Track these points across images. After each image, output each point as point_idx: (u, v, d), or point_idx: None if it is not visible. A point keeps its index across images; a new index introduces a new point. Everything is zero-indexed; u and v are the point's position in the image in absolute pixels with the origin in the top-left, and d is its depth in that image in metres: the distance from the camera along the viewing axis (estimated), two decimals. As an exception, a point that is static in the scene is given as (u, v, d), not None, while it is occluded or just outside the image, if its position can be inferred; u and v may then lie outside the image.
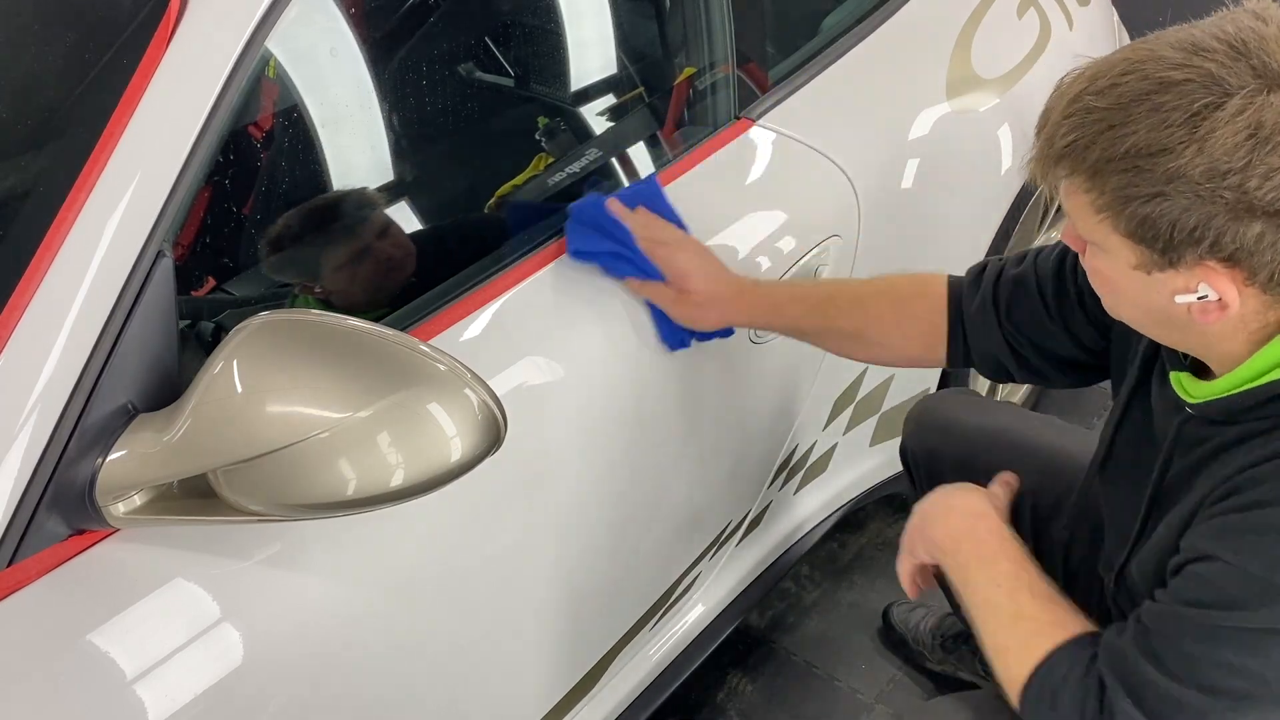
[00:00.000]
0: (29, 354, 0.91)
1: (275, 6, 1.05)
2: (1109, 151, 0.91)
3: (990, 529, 1.22)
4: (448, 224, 1.47)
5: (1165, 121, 0.88)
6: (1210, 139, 0.87)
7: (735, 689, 2.01)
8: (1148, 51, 0.91)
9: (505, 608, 1.32)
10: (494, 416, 0.92)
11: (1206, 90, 0.87)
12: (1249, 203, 0.87)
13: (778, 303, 1.40)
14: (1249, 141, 0.86)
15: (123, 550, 0.98)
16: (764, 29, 1.65)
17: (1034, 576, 1.17)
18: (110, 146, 0.95)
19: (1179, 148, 0.88)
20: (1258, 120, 0.86)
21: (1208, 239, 0.90)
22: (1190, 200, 0.88)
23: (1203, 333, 0.99)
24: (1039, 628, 1.13)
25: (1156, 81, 0.89)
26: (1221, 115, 0.86)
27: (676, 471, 1.51)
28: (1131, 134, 0.89)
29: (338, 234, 1.31)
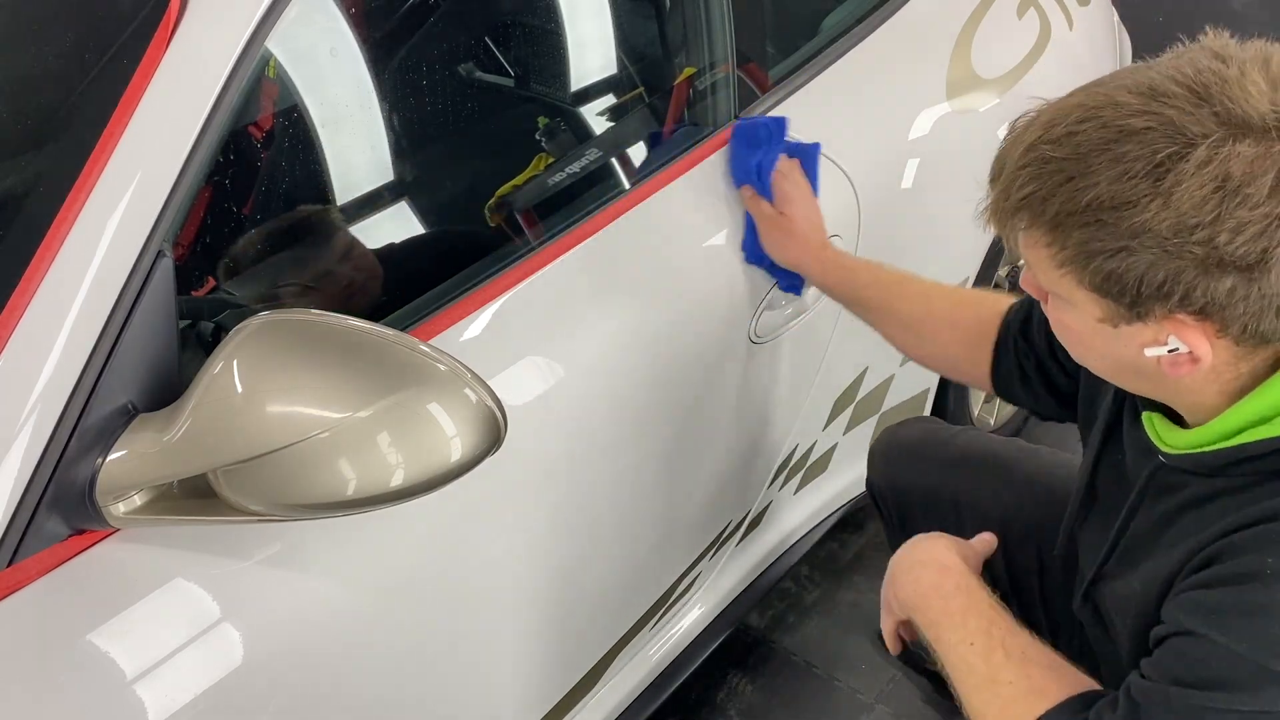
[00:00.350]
0: (29, 354, 0.91)
1: (275, 6, 1.05)
2: (1069, 205, 0.87)
3: (958, 584, 1.18)
4: (420, 238, 1.45)
5: (1128, 173, 0.84)
6: (1176, 192, 0.83)
7: (735, 689, 2.01)
8: (1104, 97, 0.88)
9: (505, 608, 1.32)
10: (494, 416, 0.92)
11: (1169, 140, 0.84)
12: (1219, 257, 0.83)
13: (853, 268, 1.46)
14: (1217, 194, 0.82)
15: (123, 550, 0.98)
16: (764, 29, 1.65)
17: (1006, 632, 1.12)
18: (110, 146, 0.95)
19: (1143, 201, 0.84)
20: (1225, 172, 0.82)
21: (1177, 293, 0.86)
22: (1157, 255, 0.85)
23: (1174, 384, 0.96)
24: (1015, 694, 1.08)
25: (1116, 130, 0.86)
26: (1186, 167, 0.83)
27: (676, 471, 1.51)
28: (1092, 186, 0.86)
29: (298, 256, 1.29)
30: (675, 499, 1.53)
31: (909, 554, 1.27)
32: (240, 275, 1.23)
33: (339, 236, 1.31)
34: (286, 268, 1.28)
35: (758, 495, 1.75)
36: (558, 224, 1.37)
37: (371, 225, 1.35)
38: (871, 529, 2.30)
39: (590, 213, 1.39)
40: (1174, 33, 0.94)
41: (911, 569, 1.24)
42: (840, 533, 2.27)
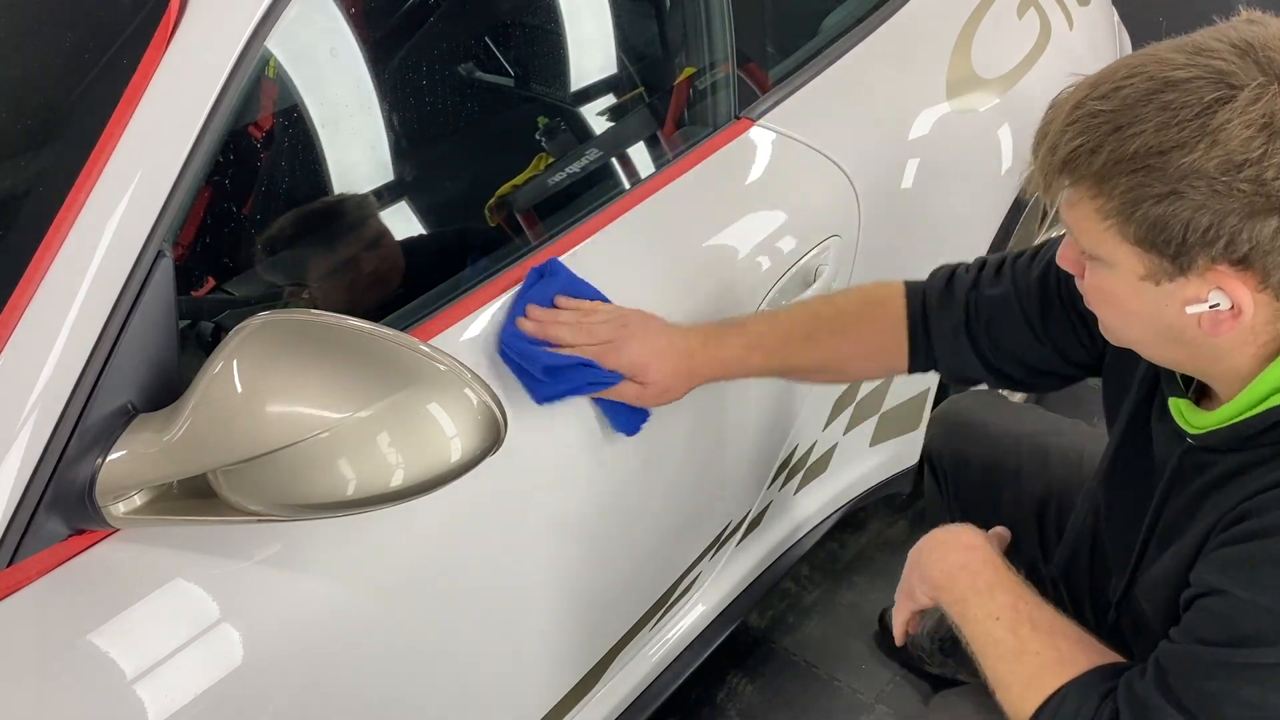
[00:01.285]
0: (29, 354, 0.91)
1: (275, 6, 1.05)
2: (1117, 153, 0.89)
3: (985, 560, 1.21)
4: (437, 234, 1.46)
5: (1175, 118, 0.87)
6: (1223, 132, 0.85)
7: (735, 689, 2.01)
8: (1149, 55, 0.91)
9: (505, 608, 1.32)
10: (494, 417, 0.92)
11: (1215, 85, 0.87)
12: (1266, 194, 0.86)
13: (736, 356, 1.34)
14: (1263, 132, 0.85)
15: (123, 550, 0.98)
16: (764, 29, 1.65)
17: (1033, 606, 1.15)
18: (110, 146, 0.95)
19: (1191, 142, 0.86)
20: (1270, 110, 0.85)
21: (1222, 238, 0.88)
22: (1205, 196, 0.87)
23: (1212, 348, 0.97)
24: (1043, 664, 1.11)
25: (1162, 81, 0.88)
26: (1234, 107, 0.85)
27: (676, 471, 1.50)
28: (1140, 133, 0.88)
29: (328, 240, 1.30)
30: (676, 499, 1.53)
31: (933, 538, 1.29)
32: (272, 258, 1.24)
33: (371, 223, 1.32)
34: (317, 252, 1.29)
35: (758, 495, 1.75)
36: (558, 224, 1.37)
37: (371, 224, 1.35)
38: (872, 529, 2.30)
39: (590, 213, 1.39)
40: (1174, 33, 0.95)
41: (936, 549, 1.26)
42: (840, 533, 2.27)
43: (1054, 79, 2.00)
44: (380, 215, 1.35)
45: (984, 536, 1.26)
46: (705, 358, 1.32)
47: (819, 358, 1.38)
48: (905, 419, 2.04)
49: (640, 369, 1.27)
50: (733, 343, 1.35)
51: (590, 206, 1.41)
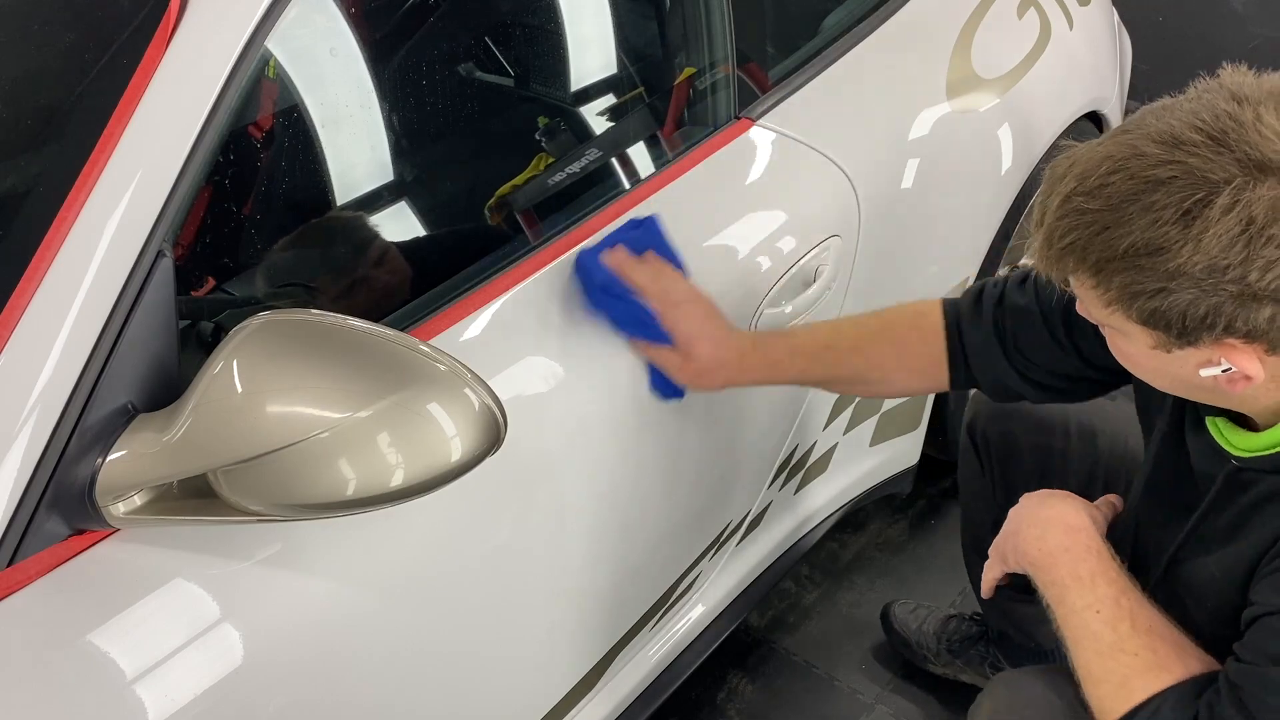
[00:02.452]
0: (29, 354, 0.91)
1: (275, 6, 1.05)
2: (1108, 252, 0.93)
3: (1088, 546, 1.18)
4: (440, 234, 1.46)
5: (1158, 220, 0.89)
6: (1204, 237, 0.88)
7: (735, 689, 2.01)
8: (1130, 148, 0.93)
9: (505, 608, 1.32)
10: (494, 416, 0.92)
11: (1193, 187, 0.89)
12: (1254, 292, 0.89)
13: (778, 360, 1.40)
14: (1243, 237, 0.87)
15: (123, 550, 0.98)
16: (764, 29, 1.65)
17: (1135, 602, 1.14)
18: (110, 146, 0.95)
19: (1175, 246, 0.89)
20: (1248, 216, 0.87)
21: (1220, 324, 0.91)
22: (1195, 293, 0.90)
23: (1237, 397, 1.01)
24: (1140, 666, 1.10)
25: (1143, 180, 0.91)
26: (1212, 213, 0.88)
27: (676, 471, 1.50)
28: (1127, 234, 0.91)
29: (335, 260, 1.30)
30: (675, 499, 1.53)
31: (1035, 510, 1.25)
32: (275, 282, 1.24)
33: (374, 243, 1.32)
34: (320, 273, 1.29)
35: (758, 495, 1.75)
36: (558, 224, 1.37)
37: (372, 224, 1.35)
38: (872, 529, 2.30)
39: (590, 213, 1.39)
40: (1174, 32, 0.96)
41: (1037, 524, 1.23)
42: (840, 533, 2.27)
43: (1054, 79, 2.01)
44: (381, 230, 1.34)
45: (1089, 515, 1.22)
46: (754, 359, 1.37)
47: (860, 368, 1.41)
48: (905, 419, 2.04)
49: (690, 343, 1.32)
50: (778, 348, 1.40)
51: (590, 206, 1.41)
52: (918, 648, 1.97)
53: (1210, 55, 1.07)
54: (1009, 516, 1.30)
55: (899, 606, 2.03)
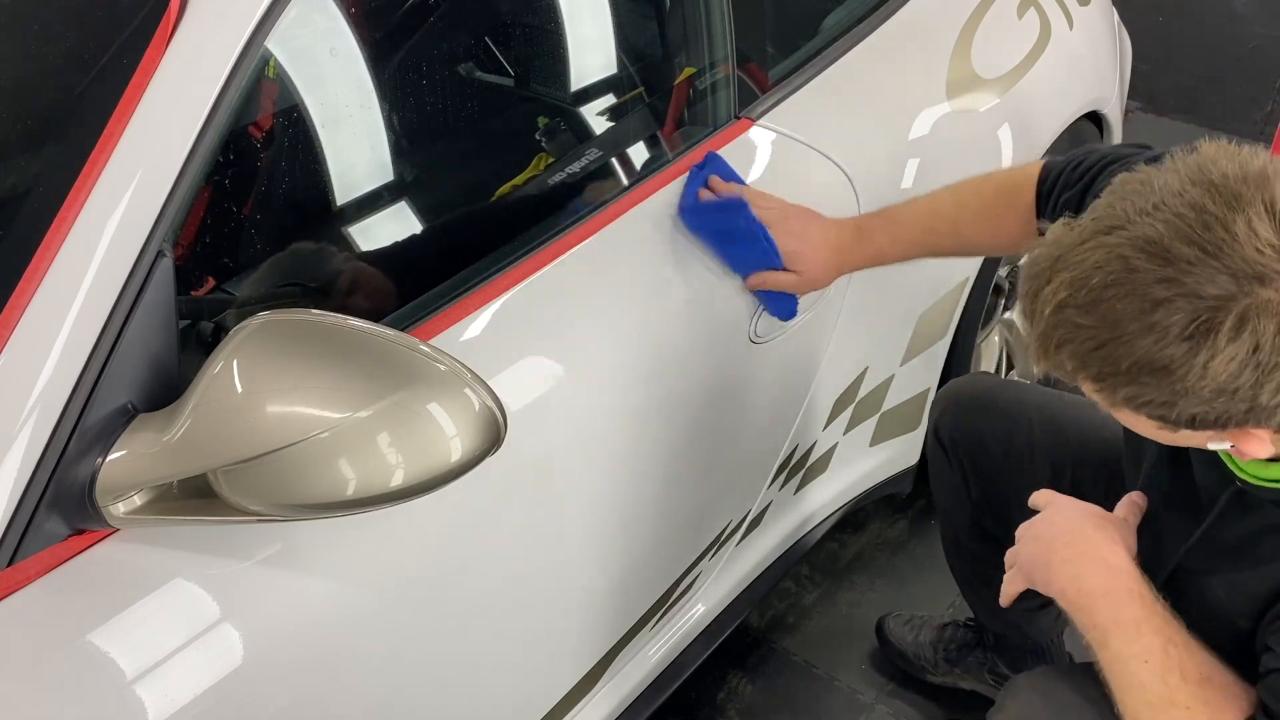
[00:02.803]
0: (29, 354, 0.91)
1: (275, 6, 1.05)
2: (1109, 368, 0.92)
3: (1129, 589, 1.12)
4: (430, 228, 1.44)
5: (1161, 340, 0.88)
6: (1212, 364, 0.87)
7: (735, 689, 2.01)
8: (1122, 262, 0.90)
9: (505, 608, 1.32)
10: (494, 416, 0.92)
11: (1194, 309, 0.87)
12: (1264, 407, 0.89)
13: (880, 249, 1.47)
14: (1251, 361, 0.86)
15: (123, 550, 0.98)
16: (764, 29, 1.65)
17: (1183, 651, 1.09)
18: (110, 146, 0.95)
19: (1180, 369, 0.88)
20: (1255, 343, 0.86)
21: (1231, 425, 0.92)
22: (1204, 408, 0.90)
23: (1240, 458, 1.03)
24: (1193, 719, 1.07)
25: (1141, 299, 0.88)
26: (1219, 342, 0.86)
27: (677, 471, 1.51)
28: (1130, 353, 0.90)
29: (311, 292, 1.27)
30: (676, 499, 1.53)
31: (1070, 543, 1.17)
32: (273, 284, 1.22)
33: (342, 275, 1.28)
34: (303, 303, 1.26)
35: (758, 495, 1.75)
36: (558, 224, 1.37)
37: (371, 226, 1.35)
38: (872, 529, 2.30)
39: (590, 213, 1.39)
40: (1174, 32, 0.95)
41: (1074, 562, 1.15)
42: (840, 533, 2.27)
43: (1054, 79, 2.01)
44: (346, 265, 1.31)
45: (1125, 547, 1.16)
46: (855, 252, 1.46)
47: (959, 245, 1.49)
48: (905, 419, 2.04)
49: (794, 257, 1.42)
50: (879, 238, 1.47)
51: (590, 206, 1.41)
52: (915, 659, 1.97)
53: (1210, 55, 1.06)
54: (1032, 532, 1.22)
55: (893, 620, 2.03)
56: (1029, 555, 1.21)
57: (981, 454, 1.60)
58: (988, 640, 1.89)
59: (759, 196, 1.44)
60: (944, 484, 1.70)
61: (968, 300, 1.99)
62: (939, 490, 1.74)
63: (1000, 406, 1.61)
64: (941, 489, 1.72)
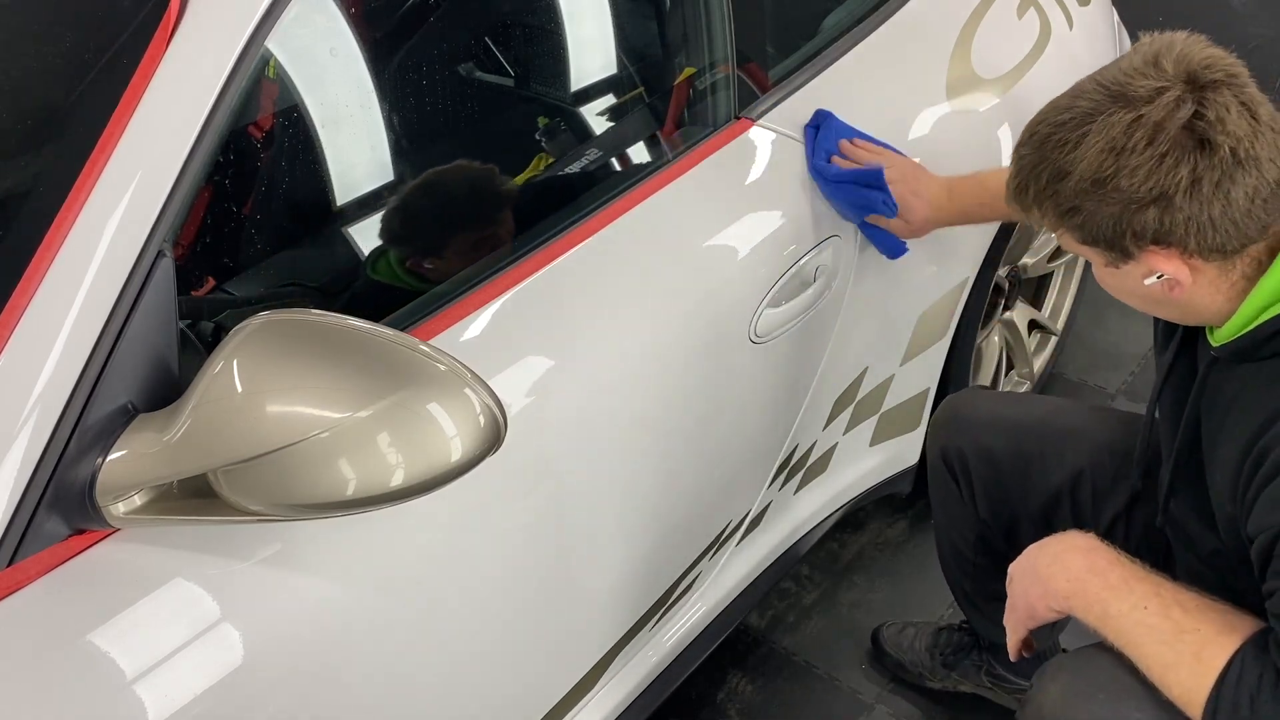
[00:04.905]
0: (29, 354, 0.91)
1: (275, 6, 1.05)
2: (1037, 185, 1.15)
3: (1108, 558, 1.24)
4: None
5: (1061, 150, 1.12)
6: (1086, 157, 1.10)
7: (735, 689, 2.01)
8: (1053, 103, 1.16)
9: (505, 608, 1.32)
10: (494, 417, 0.92)
11: (1082, 122, 1.11)
12: (1131, 197, 1.08)
13: (968, 208, 1.62)
14: (1109, 153, 1.08)
15: (123, 550, 0.98)
16: (764, 29, 1.65)
17: (1174, 589, 1.19)
18: (110, 146, 0.95)
19: (1068, 170, 1.12)
20: (1110, 135, 1.08)
21: (1126, 230, 1.11)
22: (1094, 205, 1.11)
23: (1188, 304, 1.17)
24: (1206, 638, 1.14)
25: (1053, 124, 1.14)
26: (1089, 139, 1.10)
27: (676, 471, 1.51)
28: (1045, 168, 1.14)
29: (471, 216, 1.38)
30: (675, 499, 1.53)
31: (1044, 553, 1.30)
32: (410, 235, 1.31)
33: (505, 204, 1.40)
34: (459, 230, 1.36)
35: (758, 495, 1.75)
36: (558, 224, 1.37)
37: (371, 226, 1.35)
38: (872, 529, 2.30)
39: (590, 213, 1.39)
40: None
41: (1056, 559, 1.28)
42: (840, 533, 2.27)
43: (1054, 79, 2.00)
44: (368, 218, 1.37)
45: (1094, 537, 1.28)
46: (950, 209, 1.61)
47: None
48: (905, 419, 2.04)
49: (907, 209, 1.58)
50: (969, 196, 1.62)
51: (590, 206, 1.41)
52: (912, 667, 1.97)
53: (1209, 55, 1.11)
54: (1015, 578, 1.34)
55: (887, 629, 2.03)
56: (1021, 593, 1.33)
57: (990, 470, 1.61)
58: (983, 642, 1.89)
59: (885, 157, 1.60)
60: (947, 503, 1.71)
61: (968, 300, 1.99)
62: (940, 509, 1.74)
63: (1008, 421, 1.63)
64: (944, 508, 1.73)
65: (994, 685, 1.89)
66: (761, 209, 1.55)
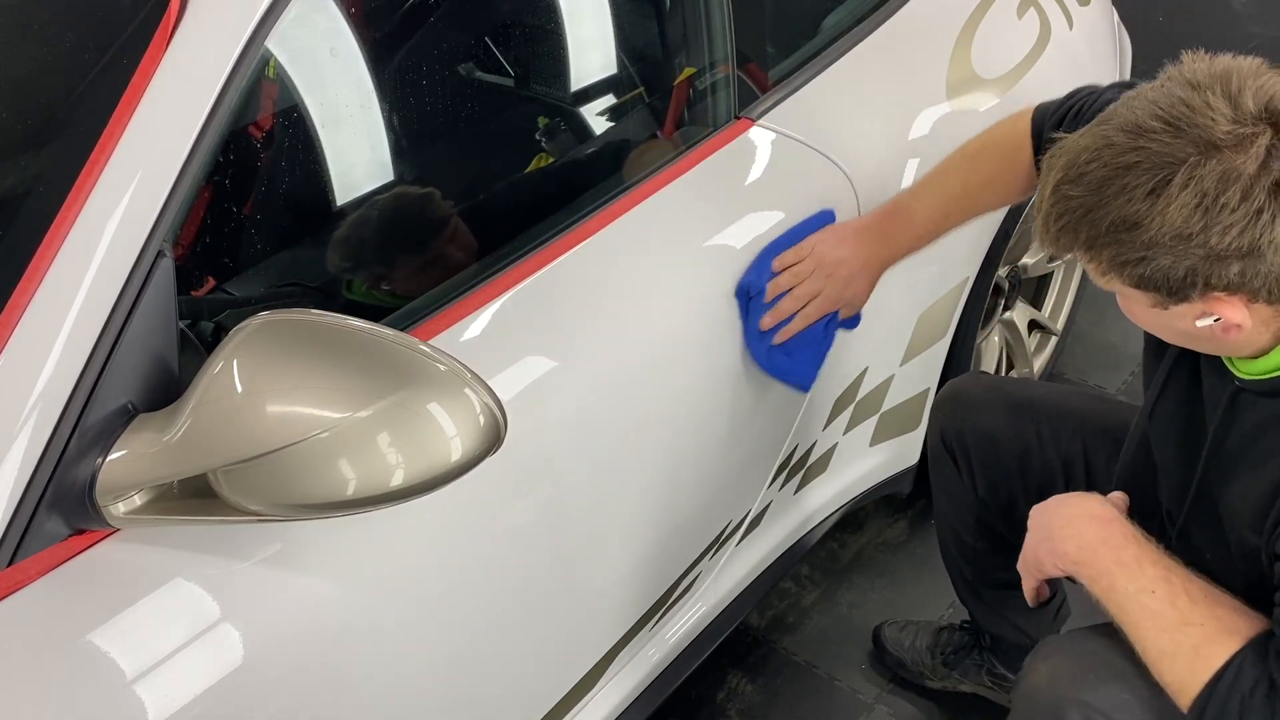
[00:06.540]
0: (29, 354, 0.91)
1: (275, 6, 1.05)
2: (1092, 231, 1.07)
3: (1124, 533, 1.23)
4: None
5: (1130, 199, 1.04)
6: (1168, 211, 1.02)
7: (735, 689, 2.01)
8: (1103, 139, 1.07)
9: (505, 607, 1.32)
10: (494, 417, 0.92)
11: (1155, 169, 1.03)
12: (1217, 253, 1.02)
13: (907, 247, 1.57)
14: (1200, 208, 1.01)
15: (123, 550, 0.98)
16: (764, 29, 1.65)
17: (1185, 577, 1.18)
18: (110, 146, 0.95)
19: (1146, 221, 1.03)
20: (1201, 190, 1.01)
21: (1199, 282, 1.04)
22: (1170, 259, 1.04)
23: (1233, 344, 1.12)
24: (1208, 634, 1.14)
25: (1114, 167, 1.05)
26: (1172, 190, 1.02)
27: (676, 471, 1.51)
28: (1107, 215, 1.05)
29: (409, 239, 1.35)
30: (675, 499, 1.53)
31: (1062, 511, 1.29)
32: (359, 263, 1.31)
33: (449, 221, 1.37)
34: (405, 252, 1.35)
35: (758, 495, 1.75)
36: (558, 224, 1.37)
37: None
38: (872, 529, 2.30)
39: (590, 213, 1.39)
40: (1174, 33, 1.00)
41: (1071, 523, 1.27)
42: (840, 533, 2.27)
43: (1054, 79, 2.01)
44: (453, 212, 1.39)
45: (1113, 505, 1.27)
46: (885, 257, 1.56)
47: (978, 209, 1.59)
48: (905, 419, 2.04)
49: (849, 298, 1.55)
50: (904, 239, 1.56)
51: (590, 206, 1.41)
52: (913, 666, 1.97)
53: (1210, 55, 1.11)
54: (1031, 527, 1.33)
55: (889, 628, 2.03)
56: (1033, 545, 1.32)
57: (990, 450, 1.62)
58: (984, 641, 1.89)
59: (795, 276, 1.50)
60: (948, 486, 1.71)
61: (968, 300, 1.99)
62: (941, 492, 1.74)
63: (1007, 401, 1.64)
64: (945, 491, 1.73)
65: (995, 685, 1.89)
66: (761, 209, 1.55)
